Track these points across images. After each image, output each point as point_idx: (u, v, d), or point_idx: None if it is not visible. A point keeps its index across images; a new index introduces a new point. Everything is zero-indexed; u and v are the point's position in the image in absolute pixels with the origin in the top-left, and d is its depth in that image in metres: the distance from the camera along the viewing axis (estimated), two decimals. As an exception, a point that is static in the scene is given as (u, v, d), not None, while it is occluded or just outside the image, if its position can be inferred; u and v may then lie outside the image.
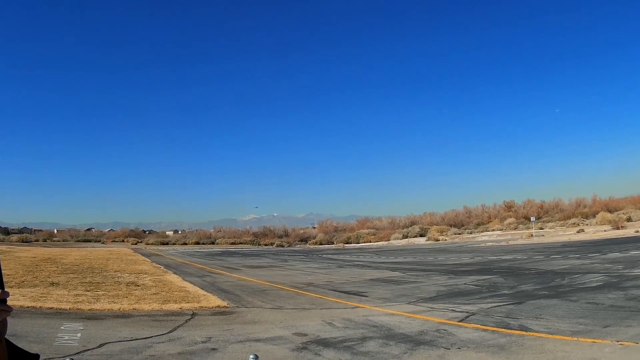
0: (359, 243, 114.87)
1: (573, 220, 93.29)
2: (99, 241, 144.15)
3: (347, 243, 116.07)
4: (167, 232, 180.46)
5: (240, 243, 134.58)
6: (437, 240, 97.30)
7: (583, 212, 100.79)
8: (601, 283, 18.24)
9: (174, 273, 33.30)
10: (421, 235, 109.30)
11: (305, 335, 12.09)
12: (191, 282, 26.16)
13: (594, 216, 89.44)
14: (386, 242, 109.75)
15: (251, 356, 4.38)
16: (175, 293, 20.58)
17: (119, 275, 29.23)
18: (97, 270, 32.88)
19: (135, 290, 21.35)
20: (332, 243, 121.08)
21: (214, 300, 18.37)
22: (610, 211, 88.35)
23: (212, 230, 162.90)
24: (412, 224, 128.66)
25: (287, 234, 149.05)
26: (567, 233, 72.02)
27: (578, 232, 70.80)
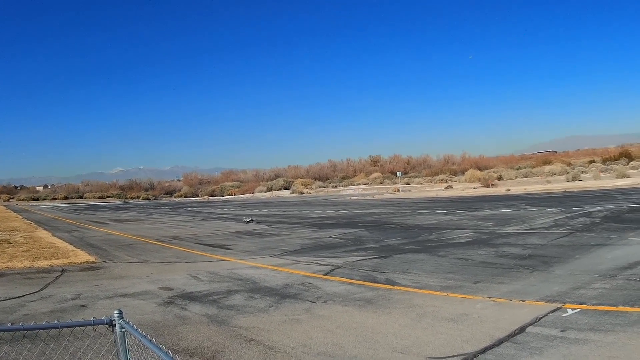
0: (223, 196, 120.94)
1: (441, 176, 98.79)
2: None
3: (212, 196, 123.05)
4: (38, 188, 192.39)
5: (108, 197, 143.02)
6: (302, 193, 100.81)
7: (452, 169, 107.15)
8: (470, 239, 19.25)
9: (44, 229, 35.59)
10: (286, 188, 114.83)
11: (171, 289, 13.04)
12: (60, 238, 28.06)
13: (463, 173, 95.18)
14: (251, 194, 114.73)
15: (115, 312, 4.80)
16: (46, 249, 22.04)
17: (-9, 233, 31.10)
18: (-29, 228, 34.76)
19: (8, 248, 22.80)
20: (198, 196, 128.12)
21: (83, 256, 19.75)
22: (480, 169, 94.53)
23: (80, 185, 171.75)
24: (277, 176, 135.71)
25: (153, 187, 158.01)
26: (435, 189, 76.07)
27: (446, 188, 75.04)
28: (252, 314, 10.21)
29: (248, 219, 32.22)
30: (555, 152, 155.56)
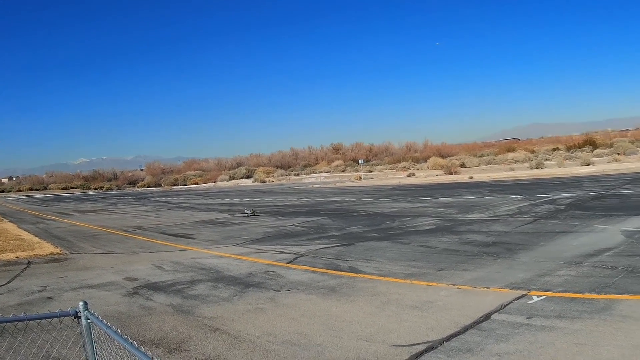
0: (186, 185, 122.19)
1: (403, 164, 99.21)
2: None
3: (174, 185, 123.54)
4: (3, 180, 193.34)
5: (72, 188, 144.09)
6: (264, 181, 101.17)
7: (414, 157, 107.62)
8: (434, 227, 19.36)
9: (10, 221, 36.53)
10: (248, 177, 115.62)
11: (136, 279, 13.34)
12: (26, 230, 28.84)
13: (426, 161, 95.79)
14: (213, 183, 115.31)
15: (80, 304, 4.84)
16: (12, 242, 22.59)
17: (-43, 227, 31.17)
18: (-64, 223, 34.65)
19: None
20: (160, 185, 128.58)
21: (48, 247, 20.22)
22: (442, 157, 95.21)
23: (44, 176, 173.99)
24: (239, 165, 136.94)
25: (116, 177, 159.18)
26: (397, 176, 76.41)
27: (409, 175, 75.40)
28: (216, 303, 10.35)
29: (249, 211, 29.96)
30: (519, 139, 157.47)
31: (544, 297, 8.91)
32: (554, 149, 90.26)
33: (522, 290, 9.41)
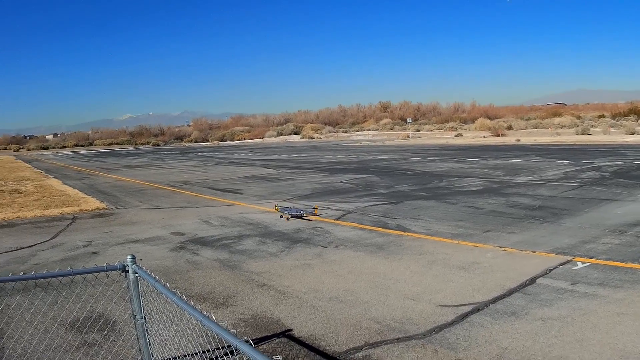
0: (233, 140, 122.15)
1: (451, 124, 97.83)
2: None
3: (222, 141, 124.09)
4: (47, 137, 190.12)
5: (117, 143, 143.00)
6: (312, 138, 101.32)
7: (461, 117, 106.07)
8: (481, 188, 19.19)
9: (54, 177, 35.39)
10: (295, 133, 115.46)
11: (182, 234, 13.31)
12: (71, 186, 28.10)
13: (473, 122, 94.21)
14: (261, 139, 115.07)
15: (128, 257, 4.82)
16: (56, 197, 22.15)
17: (2, 183, 31.13)
18: (-19, 180, 34.62)
19: (18, 197, 22.90)
20: (207, 141, 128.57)
21: (93, 203, 19.94)
22: (489, 118, 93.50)
23: (89, 132, 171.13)
24: (287, 121, 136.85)
25: (162, 133, 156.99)
26: (445, 136, 75.63)
27: (456, 136, 74.57)
28: (263, 258, 10.37)
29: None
30: (565, 104, 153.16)
31: (588, 264, 8.81)
32: (600, 116, 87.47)
33: (567, 256, 9.33)
